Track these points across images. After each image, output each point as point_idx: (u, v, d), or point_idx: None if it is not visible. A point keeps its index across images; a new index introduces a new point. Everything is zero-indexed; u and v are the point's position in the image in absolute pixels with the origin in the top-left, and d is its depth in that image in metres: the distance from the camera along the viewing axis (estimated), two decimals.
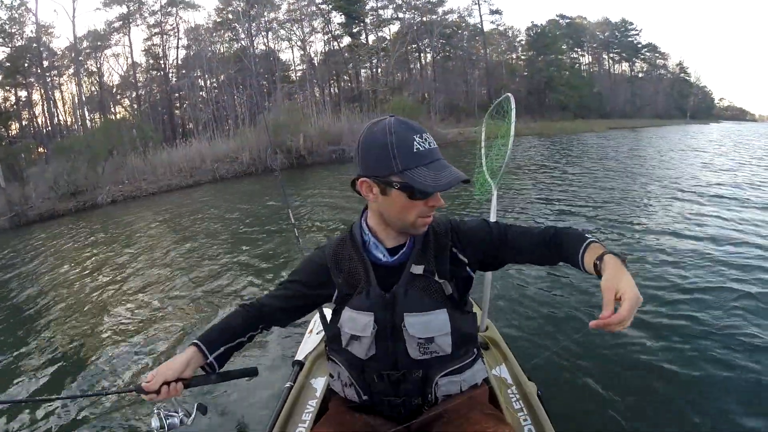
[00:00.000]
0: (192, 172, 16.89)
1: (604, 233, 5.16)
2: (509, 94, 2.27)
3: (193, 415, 1.08)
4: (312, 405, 1.52)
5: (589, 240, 0.97)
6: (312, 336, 2.11)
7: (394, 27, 37.54)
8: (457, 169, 0.96)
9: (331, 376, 1.21)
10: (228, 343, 1.11)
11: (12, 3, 25.60)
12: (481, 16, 39.67)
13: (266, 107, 24.73)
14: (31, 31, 27.11)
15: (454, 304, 1.07)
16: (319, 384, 1.63)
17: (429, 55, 39.15)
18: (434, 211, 1.02)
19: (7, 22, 25.85)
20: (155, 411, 1.04)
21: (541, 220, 6.01)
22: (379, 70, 36.40)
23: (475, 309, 1.40)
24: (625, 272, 0.85)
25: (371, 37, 37.14)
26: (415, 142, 0.95)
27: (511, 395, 1.49)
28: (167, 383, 1.02)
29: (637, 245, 4.64)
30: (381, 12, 36.93)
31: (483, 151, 2.50)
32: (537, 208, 6.76)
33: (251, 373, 1.21)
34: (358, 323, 1.05)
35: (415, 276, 1.04)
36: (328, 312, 1.82)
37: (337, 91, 36.89)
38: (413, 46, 37.04)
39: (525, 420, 1.37)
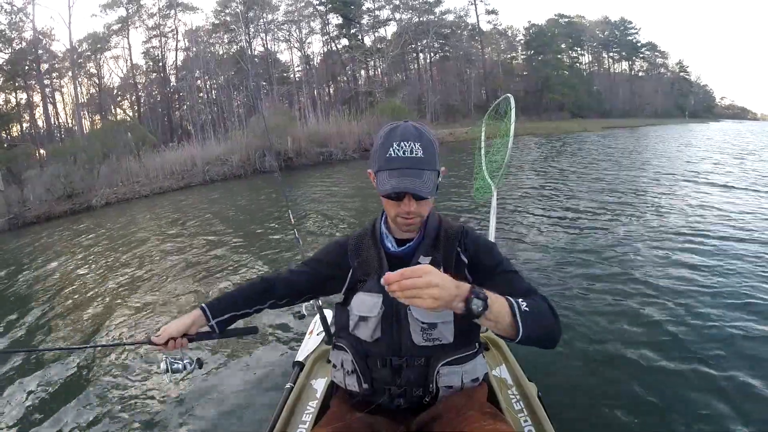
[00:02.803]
0: (183, 174, 17.09)
1: (598, 228, 5.20)
2: (509, 95, 2.28)
3: (194, 365, 1.22)
4: (312, 406, 1.53)
5: (509, 299, 0.91)
6: (312, 337, 2.11)
7: (391, 28, 37.61)
8: (416, 183, 1.02)
9: (334, 366, 1.23)
10: (232, 312, 1.21)
11: (12, 8, 25.67)
12: (477, 16, 39.76)
13: (265, 108, 24.76)
14: (30, 35, 27.15)
15: None
16: (320, 385, 1.63)
17: (427, 56, 39.17)
18: (411, 215, 1.07)
19: (7, 26, 25.89)
20: (164, 358, 1.20)
21: (539, 219, 6.01)
22: (378, 71, 36.43)
23: None
24: (451, 284, 0.82)
25: (369, 39, 37.24)
26: (391, 148, 1.04)
27: (511, 396, 1.49)
28: (173, 338, 1.15)
29: (633, 241, 4.68)
30: (378, 13, 37.00)
31: (482, 151, 2.50)
32: (534, 205, 6.82)
33: (252, 331, 1.31)
34: (367, 304, 1.12)
35: None
36: (328, 313, 1.83)
37: (333, 91, 36.89)
38: (411, 47, 37.02)
39: (525, 421, 1.37)
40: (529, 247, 4.83)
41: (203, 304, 1.20)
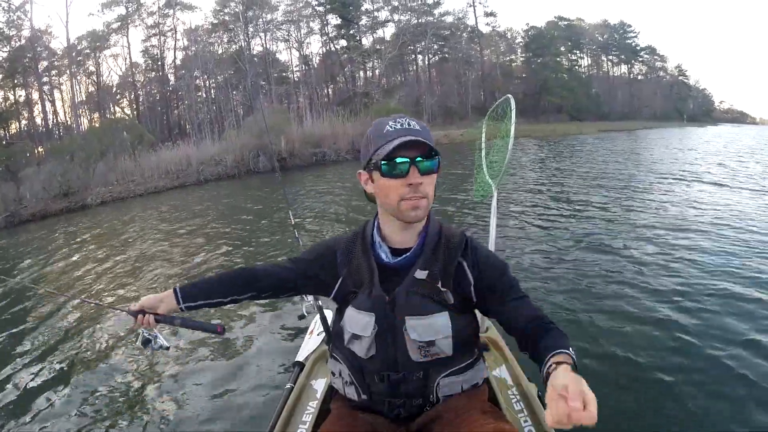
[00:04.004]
0: (178, 174, 17.21)
1: (596, 226, 5.24)
2: (509, 96, 2.28)
3: (161, 345, 1.20)
4: (312, 406, 1.52)
5: (561, 351, 0.87)
6: (313, 337, 2.11)
7: (390, 29, 37.59)
8: (421, 136, 0.98)
9: (332, 373, 1.20)
10: (206, 299, 1.14)
11: (10, 6, 25.64)
12: (476, 18, 39.79)
13: (265, 107, 24.78)
14: (28, 33, 27.09)
15: (455, 307, 1.05)
16: (320, 385, 1.63)
17: (426, 57, 39.16)
18: (418, 193, 0.99)
19: (5, 24, 25.85)
20: (140, 331, 1.19)
21: (538, 217, 6.02)
22: (377, 71, 36.43)
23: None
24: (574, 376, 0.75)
25: (368, 39, 37.26)
26: (387, 125, 1.01)
27: (511, 396, 1.49)
28: (143, 312, 1.12)
29: (631, 240, 4.75)
30: (377, 14, 37.03)
31: (483, 152, 2.51)
32: (533, 204, 6.87)
33: (212, 330, 1.19)
34: (359, 322, 1.06)
35: (418, 280, 1.04)
36: (328, 313, 1.83)
37: (331, 93, 36.88)
38: (409, 48, 37.01)
39: (525, 421, 1.37)
40: (528, 244, 4.87)
41: (177, 286, 1.14)
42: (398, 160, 0.98)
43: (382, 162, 0.99)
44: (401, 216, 1.03)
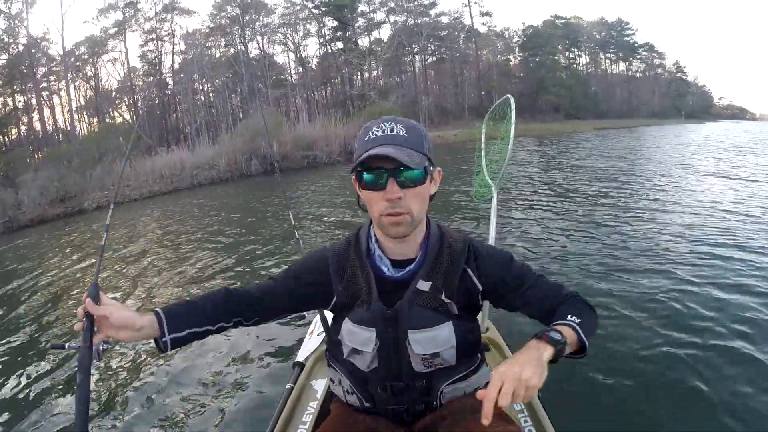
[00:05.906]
0: (172, 178, 17.29)
1: (595, 224, 5.25)
2: (509, 96, 2.28)
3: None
4: (313, 406, 1.53)
5: (566, 322, 0.90)
6: (313, 337, 2.11)
7: (385, 31, 37.62)
8: (394, 150, 0.88)
9: (332, 380, 1.18)
10: (194, 327, 0.96)
11: (8, 13, 25.69)
12: (471, 17, 39.79)
13: (264, 110, 24.80)
14: (24, 41, 27.14)
15: (459, 316, 1.03)
16: (320, 385, 1.63)
17: (423, 58, 39.14)
18: (397, 208, 0.91)
19: (4, 32, 25.90)
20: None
21: (537, 217, 6.03)
22: (373, 74, 36.46)
23: None
24: (529, 356, 0.80)
25: (364, 41, 37.28)
26: (371, 131, 0.94)
27: None
28: (94, 318, 0.88)
29: (630, 237, 4.76)
30: (373, 15, 37.06)
31: (483, 152, 2.51)
32: (532, 203, 6.88)
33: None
34: (359, 337, 1.02)
35: (421, 292, 1.00)
36: (328, 313, 1.83)
37: (326, 95, 36.88)
38: (406, 49, 36.99)
39: (526, 421, 1.37)
40: (529, 243, 4.87)
41: (159, 310, 0.93)
42: (373, 171, 0.91)
43: (359, 172, 0.93)
44: (383, 231, 0.97)
